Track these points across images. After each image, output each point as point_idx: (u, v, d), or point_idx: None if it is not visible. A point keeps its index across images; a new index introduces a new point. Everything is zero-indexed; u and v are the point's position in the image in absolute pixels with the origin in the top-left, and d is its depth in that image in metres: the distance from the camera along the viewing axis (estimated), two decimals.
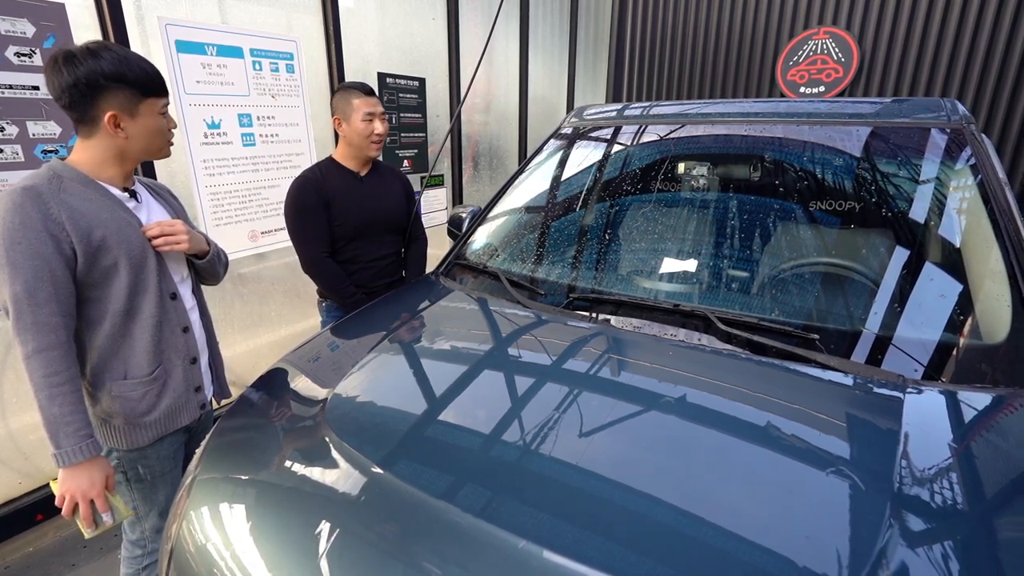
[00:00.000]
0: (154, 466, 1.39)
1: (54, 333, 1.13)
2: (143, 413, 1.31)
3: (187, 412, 1.40)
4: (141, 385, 1.30)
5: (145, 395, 1.31)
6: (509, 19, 4.32)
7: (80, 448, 1.15)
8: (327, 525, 0.88)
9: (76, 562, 2.09)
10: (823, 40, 4.01)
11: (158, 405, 1.33)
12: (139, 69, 1.20)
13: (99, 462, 1.21)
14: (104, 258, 1.19)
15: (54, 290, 1.12)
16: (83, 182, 1.20)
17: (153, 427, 1.34)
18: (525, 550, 0.78)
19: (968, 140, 1.50)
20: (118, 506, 1.25)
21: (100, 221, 1.18)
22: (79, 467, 1.17)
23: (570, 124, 2.22)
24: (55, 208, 1.12)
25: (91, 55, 1.14)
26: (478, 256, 1.91)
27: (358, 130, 1.96)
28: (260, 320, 2.88)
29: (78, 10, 1.98)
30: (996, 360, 1.15)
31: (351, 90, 1.99)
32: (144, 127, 1.23)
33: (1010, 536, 0.80)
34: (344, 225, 2.01)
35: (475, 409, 1.12)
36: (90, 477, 1.18)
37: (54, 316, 1.13)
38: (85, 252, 1.16)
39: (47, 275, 1.11)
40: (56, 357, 1.13)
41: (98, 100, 1.16)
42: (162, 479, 1.41)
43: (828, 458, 0.93)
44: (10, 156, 1.86)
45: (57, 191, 1.15)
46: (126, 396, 1.28)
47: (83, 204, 1.17)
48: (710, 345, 1.29)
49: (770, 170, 1.67)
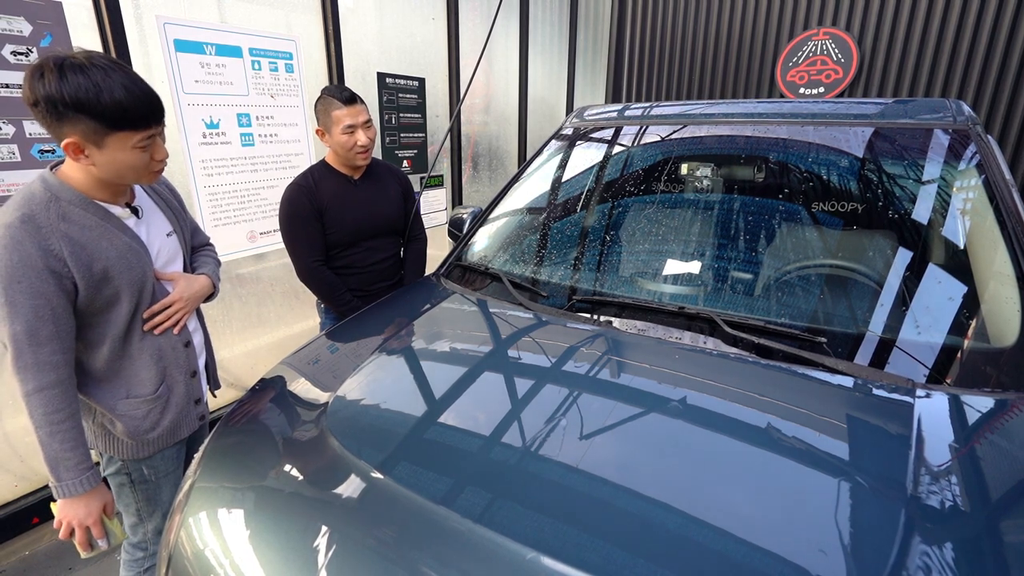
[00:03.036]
0: (158, 467, 1.39)
1: (55, 372, 1.10)
2: (147, 430, 1.30)
3: (187, 425, 1.41)
4: (145, 404, 1.29)
5: (149, 413, 1.30)
6: (509, 19, 4.31)
7: (80, 481, 1.16)
8: (327, 531, 0.87)
9: (72, 566, 2.07)
10: (823, 41, 4.00)
11: (161, 422, 1.33)
12: (109, 99, 1.02)
13: (98, 492, 1.22)
14: (106, 288, 1.16)
15: (55, 328, 1.08)
16: (82, 204, 1.12)
17: (156, 443, 1.34)
18: (526, 556, 0.76)
19: (973, 140, 1.49)
20: (114, 530, 1.27)
21: (100, 251, 1.13)
22: (78, 497, 1.18)
23: (571, 125, 2.21)
24: (55, 242, 1.06)
25: (59, 74, 1.00)
26: (479, 258, 1.90)
27: (340, 142, 1.89)
28: (259, 321, 2.86)
29: (76, 8, 1.96)
30: (1006, 364, 1.14)
31: (330, 99, 1.88)
32: (111, 160, 1.08)
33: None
34: (338, 232, 1.97)
35: (477, 413, 1.11)
36: (87, 507, 1.19)
37: (55, 355, 1.09)
38: (87, 285, 1.12)
39: (48, 314, 1.07)
40: (57, 395, 1.11)
41: (61, 125, 1.03)
42: (166, 479, 1.41)
43: (839, 464, 0.91)
44: (6, 156, 1.84)
45: (57, 220, 1.08)
46: (130, 415, 1.27)
47: (83, 234, 1.11)
48: (715, 348, 1.28)
49: (774, 171, 1.66)
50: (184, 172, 2.35)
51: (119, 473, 1.36)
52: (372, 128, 1.95)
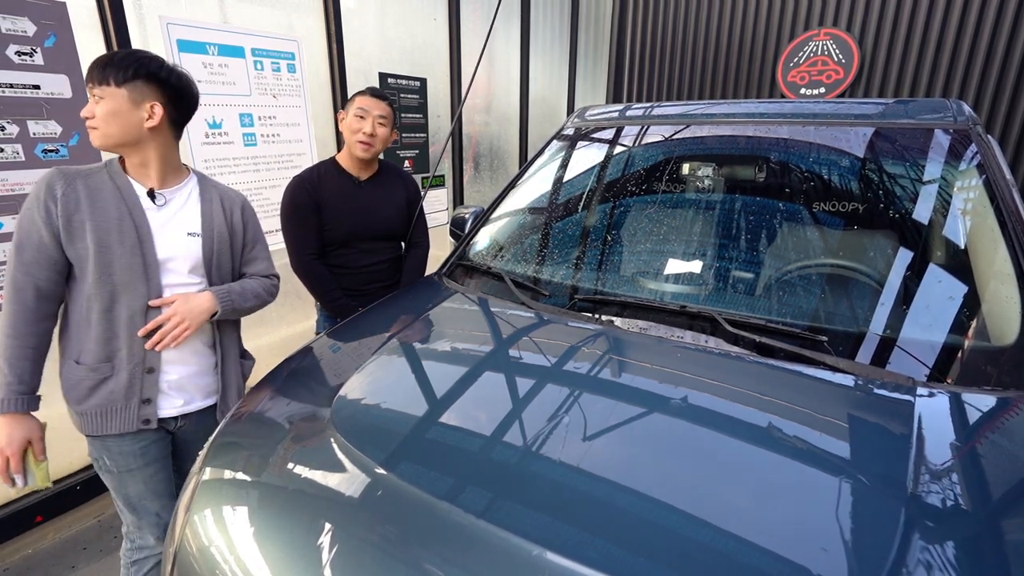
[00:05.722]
0: (117, 459, 1.38)
1: (21, 292, 1.24)
2: (75, 400, 1.33)
3: (120, 420, 1.34)
4: (80, 371, 1.32)
5: (80, 382, 1.32)
6: (510, 20, 4.32)
7: (6, 400, 1.23)
8: (332, 528, 0.87)
9: (76, 564, 2.08)
10: (823, 41, 4.00)
11: (89, 399, 1.33)
12: None
13: (23, 421, 1.26)
14: (79, 241, 1.26)
15: (35, 255, 1.24)
16: (114, 174, 1.32)
17: (84, 419, 1.34)
18: (529, 553, 0.77)
19: (974, 141, 1.50)
20: (35, 472, 1.29)
21: (90, 207, 1.27)
22: (3, 420, 1.24)
23: (573, 125, 2.22)
24: (62, 187, 1.25)
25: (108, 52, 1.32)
26: (481, 257, 1.90)
27: (348, 124, 1.95)
28: (260, 321, 2.87)
29: (79, 9, 1.97)
30: (1006, 363, 1.14)
31: (363, 90, 1.99)
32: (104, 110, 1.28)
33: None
34: (334, 231, 1.98)
35: (480, 411, 1.11)
36: (9, 434, 1.25)
37: (26, 276, 1.24)
38: (65, 230, 1.25)
39: (35, 240, 1.24)
40: (16, 312, 1.24)
41: None
42: (129, 475, 1.40)
43: (840, 462, 0.92)
44: (11, 155, 1.85)
45: (85, 176, 1.29)
46: (67, 376, 1.33)
47: (89, 191, 1.27)
48: (717, 347, 1.28)
49: (775, 171, 1.67)
50: None
51: (94, 461, 1.41)
52: (386, 129, 1.96)
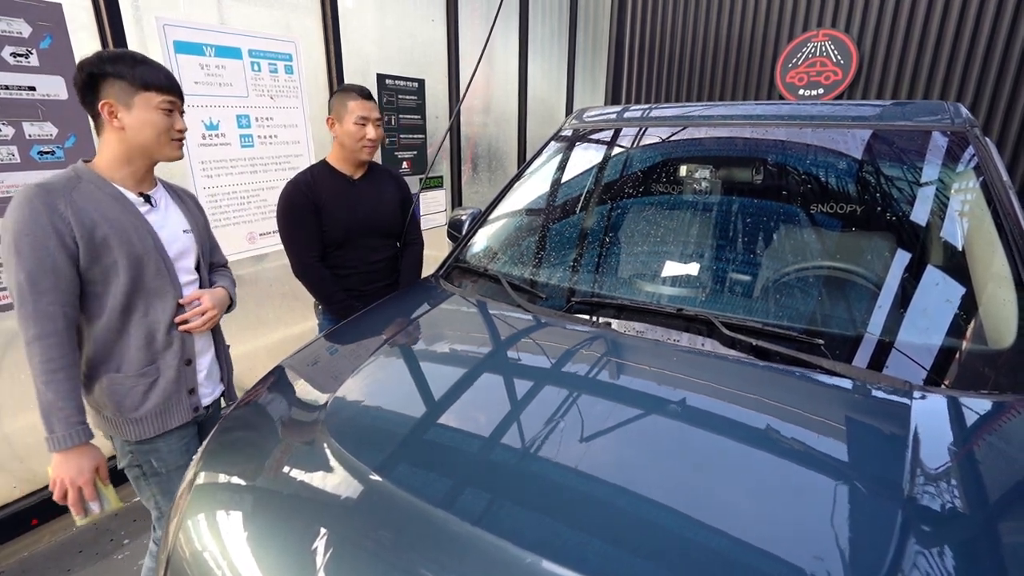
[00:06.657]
0: (167, 459, 1.41)
1: (52, 322, 1.18)
2: (131, 408, 1.34)
3: (178, 413, 1.41)
4: (129, 380, 1.33)
5: (132, 390, 1.33)
6: (508, 20, 4.31)
7: (70, 434, 1.21)
8: (325, 532, 0.87)
9: (71, 567, 2.07)
10: (822, 42, 4.00)
11: (145, 403, 1.35)
12: (132, 62, 1.25)
13: (89, 450, 1.25)
14: (105, 256, 1.24)
15: (55, 280, 1.18)
16: (98, 183, 1.26)
17: (143, 424, 1.36)
18: (525, 559, 0.76)
19: (971, 143, 1.49)
20: (107, 495, 1.29)
21: (105, 220, 1.23)
22: (70, 453, 1.22)
23: (570, 126, 2.21)
24: (63, 204, 1.18)
25: (98, 55, 1.23)
26: (478, 259, 1.90)
27: (349, 132, 1.94)
28: (258, 323, 2.86)
29: (75, 10, 1.96)
30: (1003, 366, 1.14)
31: (349, 92, 1.97)
32: (139, 119, 1.26)
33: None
34: (333, 230, 1.98)
35: (476, 415, 1.11)
36: (79, 465, 1.24)
37: (53, 305, 1.18)
38: (87, 248, 1.21)
39: (49, 266, 1.17)
40: (53, 344, 1.18)
41: (97, 91, 1.23)
42: (177, 472, 1.43)
43: (836, 466, 0.91)
44: (6, 157, 1.84)
45: (70, 190, 1.21)
46: (115, 390, 1.32)
47: (91, 203, 1.23)
48: (714, 350, 1.28)
49: (773, 173, 1.66)
50: (184, 173, 2.35)
51: (132, 466, 1.41)
52: (381, 130, 2.00)
